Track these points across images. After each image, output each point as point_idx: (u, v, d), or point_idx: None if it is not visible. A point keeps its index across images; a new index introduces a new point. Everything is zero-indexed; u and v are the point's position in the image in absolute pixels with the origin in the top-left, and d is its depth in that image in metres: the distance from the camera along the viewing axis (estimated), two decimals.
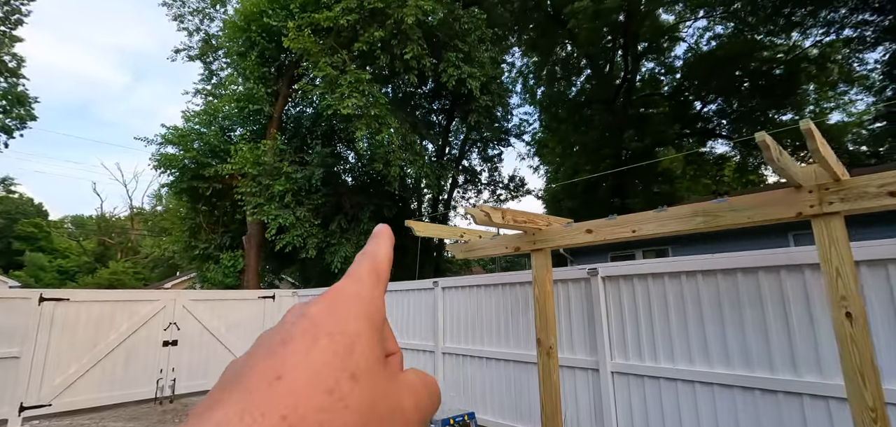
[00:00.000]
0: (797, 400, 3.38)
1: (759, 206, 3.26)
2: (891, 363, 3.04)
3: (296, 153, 12.80)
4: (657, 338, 4.18)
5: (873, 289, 3.20)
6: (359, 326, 0.26)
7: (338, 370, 0.24)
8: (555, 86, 27.48)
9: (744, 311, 3.74)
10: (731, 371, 3.71)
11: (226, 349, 8.75)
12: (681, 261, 4.19)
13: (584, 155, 25.05)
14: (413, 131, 13.35)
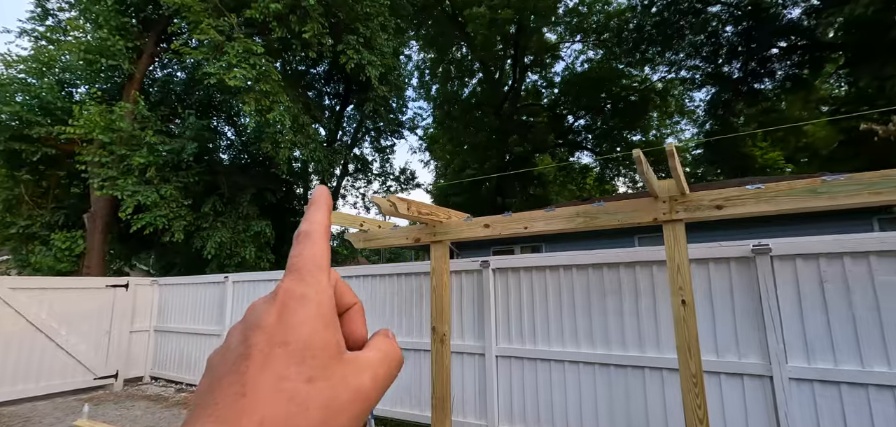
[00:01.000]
0: (640, 372, 4.10)
1: (627, 211, 3.85)
2: (704, 340, 3.85)
3: (163, 122, 11.14)
4: (537, 323, 4.66)
5: (697, 281, 4.01)
6: (309, 328, 0.27)
7: (294, 378, 0.25)
8: (449, 85, 28.38)
9: (606, 299, 4.38)
10: (594, 350, 4.33)
11: (61, 349, 7.29)
12: (560, 256, 4.73)
13: (473, 154, 26.35)
14: (306, 112, 12.61)
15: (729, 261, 3.92)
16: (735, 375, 3.73)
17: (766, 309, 3.66)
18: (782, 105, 20.58)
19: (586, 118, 29.31)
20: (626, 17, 24.11)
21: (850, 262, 3.49)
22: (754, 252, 3.79)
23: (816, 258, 3.60)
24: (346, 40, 11.56)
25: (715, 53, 21.15)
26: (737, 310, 3.83)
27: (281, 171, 11.27)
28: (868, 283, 3.41)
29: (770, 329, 3.62)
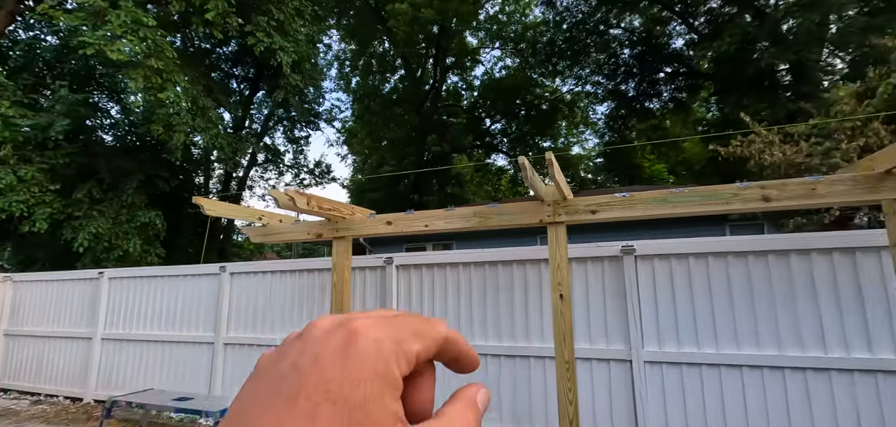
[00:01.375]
0: (525, 361, 4.45)
1: (517, 213, 4.15)
2: (581, 330, 4.30)
3: (25, 93, 9.57)
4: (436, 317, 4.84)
5: (578, 277, 4.46)
6: (369, 390, 0.24)
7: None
8: (370, 78, 27.94)
9: (500, 294, 4.69)
10: (487, 342, 4.61)
11: None
12: (460, 253, 4.96)
13: (391, 150, 26.24)
14: (207, 95, 11.62)
15: (603, 260, 4.41)
16: (603, 361, 4.22)
17: (630, 302, 4.19)
18: (667, 123, 23.38)
19: (502, 122, 30.61)
20: (540, 30, 25.60)
21: (693, 261, 4.13)
22: (623, 252, 4.31)
23: (669, 258, 4.20)
24: (255, 21, 10.88)
25: (615, 72, 23.34)
26: (608, 303, 4.33)
27: (174, 157, 10.28)
28: (705, 279, 4.06)
29: (632, 319, 4.15)
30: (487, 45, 29.45)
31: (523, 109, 28.77)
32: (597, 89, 25.75)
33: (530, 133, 29.01)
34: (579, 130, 30.16)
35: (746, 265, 3.98)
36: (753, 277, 3.93)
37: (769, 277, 3.88)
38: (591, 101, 27.06)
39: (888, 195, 3.19)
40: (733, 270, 4.01)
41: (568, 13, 23.66)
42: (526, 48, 26.23)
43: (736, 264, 4.01)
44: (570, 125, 29.76)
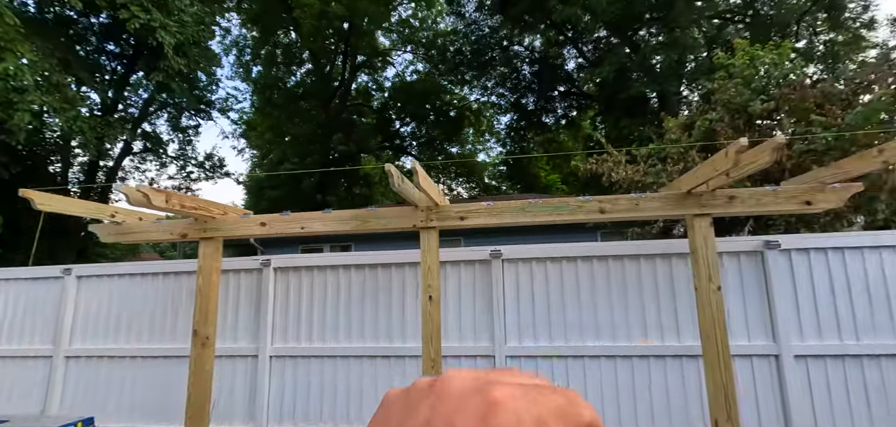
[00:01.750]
0: (401, 361, 4.61)
1: (394, 218, 4.29)
2: (453, 329, 4.57)
3: None
4: (314, 321, 4.79)
5: (454, 279, 4.73)
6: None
7: None
8: (274, 69, 26.39)
9: (379, 295, 4.79)
10: (365, 344, 4.67)
11: None
12: (341, 256, 4.97)
13: (295, 146, 25.06)
14: (65, 70, 10.08)
15: (474, 263, 4.73)
16: (471, 357, 4.52)
17: (496, 301, 4.56)
18: (560, 137, 25.52)
19: (412, 125, 30.84)
20: (450, 39, 26.33)
21: (550, 264, 4.62)
22: (491, 256, 4.67)
23: (530, 262, 4.65)
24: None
25: (517, 86, 24.89)
26: (478, 303, 4.65)
27: (14, 140, 8.75)
28: (558, 281, 4.57)
29: (497, 317, 4.52)
30: (399, 48, 29.50)
31: (433, 114, 29.31)
32: (501, 101, 27.16)
33: (439, 138, 29.65)
34: (485, 139, 31.51)
35: (606, 267, 4.56)
36: (596, 278, 4.52)
37: (608, 278, 4.50)
38: (496, 111, 28.44)
39: (690, 210, 3.89)
40: (582, 273, 4.57)
41: (476, 26, 24.68)
42: (436, 55, 26.79)
43: (584, 267, 4.58)
44: (476, 133, 30.94)
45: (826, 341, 4.13)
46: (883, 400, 3.98)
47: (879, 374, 4.02)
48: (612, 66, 15.60)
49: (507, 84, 25.74)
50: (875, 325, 4.09)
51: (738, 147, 3.06)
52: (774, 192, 3.84)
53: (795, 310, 4.20)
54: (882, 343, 4.05)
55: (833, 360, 4.09)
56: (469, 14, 24.68)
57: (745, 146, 3.02)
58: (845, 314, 4.12)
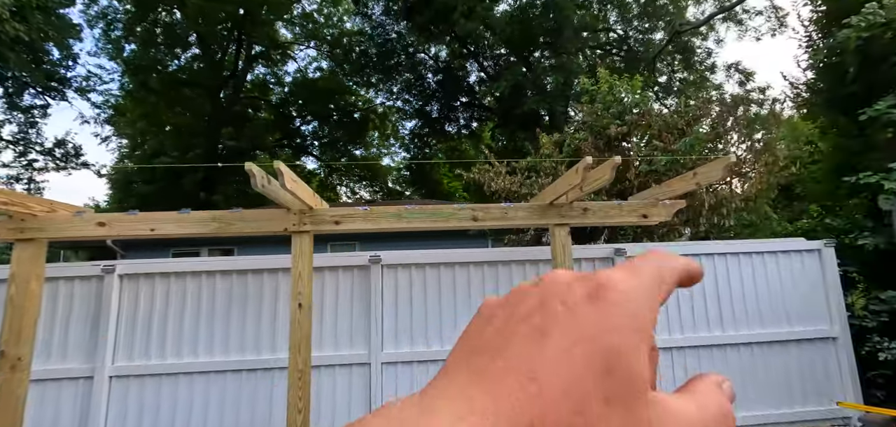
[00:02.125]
0: (267, 374, 4.32)
1: (264, 220, 4.01)
2: (328, 337, 4.42)
3: None
4: (169, 335, 4.28)
5: (331, 285, 4.57)
6: (622, 341, 0.22)
7: (591, 391, 0.21)
8: (152, 50, 23.35)
9: (248, 303, 4.44)
10: (228, 358, 4.30)
11: None
12: (205, 261, 4.51)
13: (175, 138, 22.49)
14: None
15: (353, 268, 4.63)
16: (346, 365, 4.41)
17: (374, 307, 4.50)
18: (463, 146, 26.39)
19: (314, 124, 29.55)
20: (357, 39, 25.77)
21: (429, 270, 4.71)
22: (370, 262, 4.61)
23: (409, 267, 4.68)
24: None
25: (422, 93, 25.21)
26: (355, 309, 4.55)
27: None
28: (436, 286, 4.67)
29: (374, 323, 4.47)
30: (302, 43, 28.14)
31: (336, 114, 28.39)
32: (407, 106, 27.26)
33: (342, 139, 28.80)
34: (390, 143, 31.34)
35: (481, 272, 4.74)
36: (486, 281, 4.71)
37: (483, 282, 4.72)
38: (401, 116, 28.48)
39: (552, 220, 4.24)
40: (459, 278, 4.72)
41: (382, 29, 24.51)
42: (341, 54, 26.05)
43: (461, 272, 4.74)
44: (381, 137, 30.66)
45: (661, 336, 4.79)
46: None
47: (696, 361, 4.76)
48: (509, 83, 16.57)
49: (412, 90, 25.93)
50: (696, 321, 4.85)
51: (585, 164, 3.40)
52: (620, 206, 4.36)
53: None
54: (700, 336, 4.81)
55: (667, 352, 4.75)
56: (376, 16, 24.45)
57: (590, 164, 3.37)
58: (673, 313, 4.82)
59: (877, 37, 5.52)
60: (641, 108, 5.98)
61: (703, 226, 5.38)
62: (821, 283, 5.03)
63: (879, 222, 5.39)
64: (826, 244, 5.04)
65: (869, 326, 5.16)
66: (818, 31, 6.75)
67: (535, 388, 0.21)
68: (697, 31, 20.13)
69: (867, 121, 5.49)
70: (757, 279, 4.99)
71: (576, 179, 3.59)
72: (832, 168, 6.28)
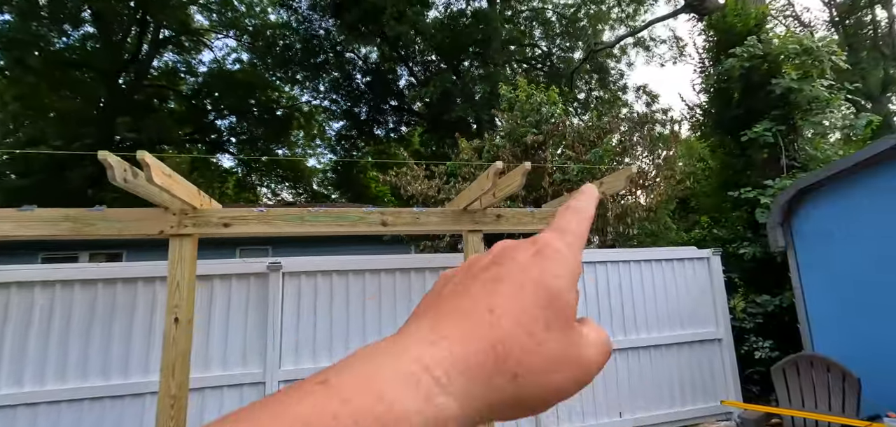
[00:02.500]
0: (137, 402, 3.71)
1: (131, 221, 3.43)
2: (215, 355, 3.91)
3: None
4: (3, 359, 3.51)
5: (219, 296, 4.05)
6: (559, 283, 0.28)
7: (538, 319, 0.27)
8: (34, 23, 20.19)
9: (115, 319, 3.80)
10: (84, 384, 3.62)
11: None
12: (61, 269, 3.80)
13: (60, 125, 19.63)
14: None
15: (249, 277, 4.16)
16: (236, 386, 3.93)
17: (272, 319, 4.07)
18: (391, 149, 26.00)
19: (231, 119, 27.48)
20: (280, 32, 24.41)
21: (336, 277, 4.37)
22: (269, 269, 4.17)
23: (314, 275, 4.31)
24: None
25: (350, 93, 24.47)
26: (250, 322, 4.08)
27: None
28: (344, 293, 4.35)
29: (271, 338, 4.04)
30: (220, 32, 26.08)
31: (256, 110, 26.64)
32: (334, 106, 26.33)
33: (263, 137, 27.07)
34: (316, 144, 30.03)
35: (393, 280, 4.48)
36: (398, 289, 4.45)
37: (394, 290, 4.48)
38: (328, 117, 27.44)
39: (465, 226, 4.12)
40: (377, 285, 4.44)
41: (308, 24, 23.45)
42: (263, 46, 24.51)
43: (372, 280, 4.46)
44: (307, 137, 29.32)
45: None
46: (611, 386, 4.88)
47: None
48: (437, 89, 16.58)
49: (340, 90, 25.15)
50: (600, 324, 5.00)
51: (495, 169, 3.31)
52: (532, 213, 4.36)
53: None
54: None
55: None
56: (302, 10, 23.35)
57: (500, 168, 3.29)
58: None
59: (756, 67, 6.19)
60: (557, 119, 6.18)
61: (610, 234, 5.64)
62: (709, 288, 5.46)
63: (757, 233, 6.00)
64: (713, 253, 5.49)
65: (747, 327, 5.70)
66: (710, 58, 7.47)
67: (493, 318, 0.26)
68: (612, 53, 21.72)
69: (747, 142, 6.12)
70: (656, 285, 5.29)
71: (487, 184, 3.49)
72: (719, 184, 6.95)
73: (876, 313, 3.91)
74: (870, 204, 3.93)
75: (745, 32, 6.45)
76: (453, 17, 20.89)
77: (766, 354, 5.36)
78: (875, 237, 3.90)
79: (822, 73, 5.89)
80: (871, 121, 5.89)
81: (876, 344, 3.93)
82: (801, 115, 5.97)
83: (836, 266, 4.21)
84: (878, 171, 3.88)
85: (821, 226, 4.32)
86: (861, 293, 4.03)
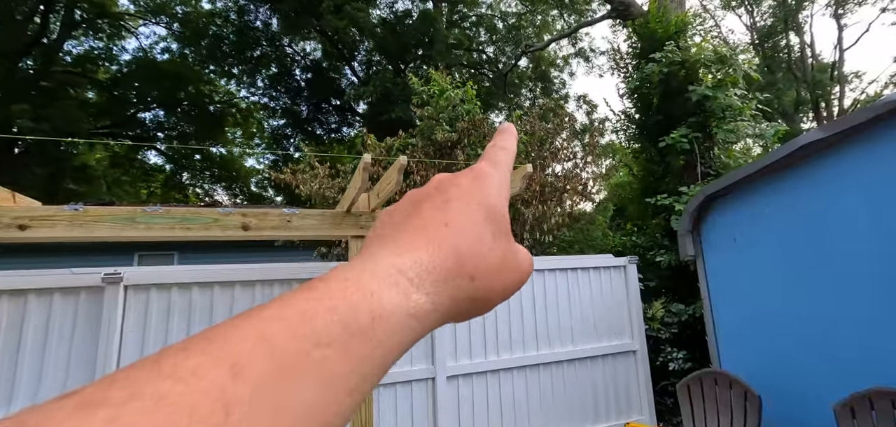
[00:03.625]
0: None
1: None
2: (5, 395, 3.10)
3: None
4: None
5: (35, 316, 3.25)
6: (497, 201, 0.33)
7: (483, 227, 0.31)
8: None
9: None
10: None
11: None
12: None
13: None
14: None
15: (78, 291, 3.38)
16: None
17: (104, 345, 3.31)
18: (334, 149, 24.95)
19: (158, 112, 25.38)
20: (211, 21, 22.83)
21: (197, 291, 3.68)
22: (106, 281, 3.41)
23: (169, 288, 3.60)
24: None
25: (290, 90, 23.26)
26: (76, 350, 3.30)
27: None
28: (207, 310, 3.66)
29: (102, 370, 3.28)
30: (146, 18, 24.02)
31: (186, 104, 24.75)
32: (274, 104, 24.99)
33: (195, 134, 25.16)
34: (255, 142, 28.38)
35: (270, 292, 3.84)
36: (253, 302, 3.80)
37: None
38: (267, 114, 26.02)
39: (348, 231, 3.57)
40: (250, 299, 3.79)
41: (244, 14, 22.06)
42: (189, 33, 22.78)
43: (244, 294, 3.81)
44: (245, 135, 27.64)
45: (475, 360, 4.44)
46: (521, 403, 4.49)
47: (510, 383, 4.53)
48: (378, 88, 15.97)
49: (279, 86, 23.91)
50: (512, 341, 4.62)
51: (364, 164, 2.81)
52: None
53: (453, 336, 4.40)
54: (516, 357, 4.59)
55: (478, 377, 4.41)
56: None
57: (368, 162, 2.78)
58: (490, 335, 4.53)
59: (675, 73, 6.14)
60: (473, 115, 5.79)
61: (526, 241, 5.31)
62: (625, 298, 5.25)
63: (673, 241, 5.91)
64: (629, 261, 5.29)
65: (663, 337, 5.56)
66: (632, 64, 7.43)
67: (449, 230, 0.30)
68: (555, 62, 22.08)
69: (666, 148, 6.05)
70: (570, 295, 5.00)
71: (359, 181, 2.98)
72: (641, 190, 6.88)
73: (778, 327, 3.77)
74: (773, 212, 3.80)
75: (665, 39, 6.42)
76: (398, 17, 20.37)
77: (680, 366, 5.22)
78: (778, 247, 3.78)
79: (735, 82, 5.92)
80: (779, 131, 6.00)
81: (777, 359, 3.79)
82: (715, 123, 5.97)
83: (741, 276, 4.07)
84: (784, 176, 3.75)
85: (727, 234, 4.18)
86: (764, 305, 3.90)
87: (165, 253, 9.94)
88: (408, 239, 0.29)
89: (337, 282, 0.24)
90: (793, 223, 3.64)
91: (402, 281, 0.26)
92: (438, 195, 0.33)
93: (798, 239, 3.60)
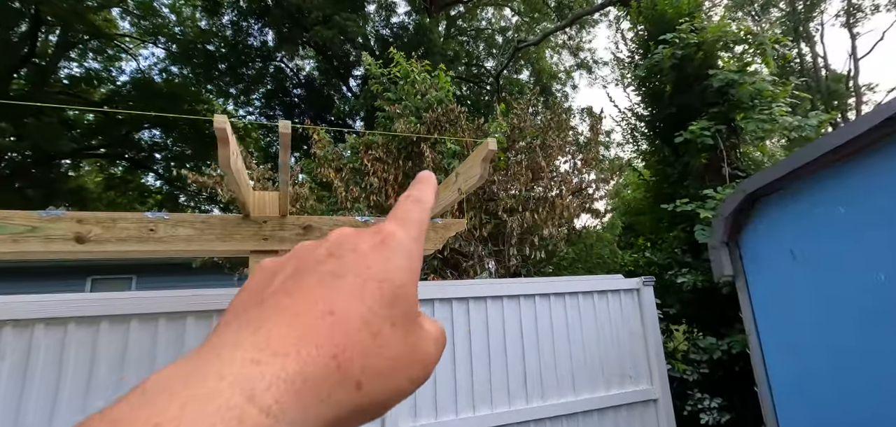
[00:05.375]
0: None
1: None
2: None
3: None
4: None
5: None
6: (404, 278, 0.26)
7: (383, 318, 0.24)
8: None
9: None
10: None
11: None
12: None
13: None
14: None
15: None
16: None
17: None
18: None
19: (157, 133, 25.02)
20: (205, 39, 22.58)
21: (45, 329, 2.64)
22: None
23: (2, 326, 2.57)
24: None
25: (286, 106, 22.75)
26: None
27: None
28: (55, 359, 2.61)
29: None
30: (147, 39, 23.85)
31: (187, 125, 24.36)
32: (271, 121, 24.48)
33: (195, 155, 24.66)
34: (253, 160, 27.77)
35: (125, 333, 2.80)
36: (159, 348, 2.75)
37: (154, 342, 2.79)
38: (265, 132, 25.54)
39: (246, 246, 2.53)
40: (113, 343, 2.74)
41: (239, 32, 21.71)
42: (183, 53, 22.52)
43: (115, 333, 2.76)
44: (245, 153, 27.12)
45: (442, 418, 3.32)
46: None
47: None
48: (368, 102, 15.22)
49: (275, 102, 23.47)
50: (493, 392, 3.50)
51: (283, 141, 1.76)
52: (367, 221, 2.84)
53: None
54: (498, 412, 3.46)
55: None
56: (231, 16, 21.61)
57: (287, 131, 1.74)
58: (464, 384, 3.41)
59: (690, 56, 5.11)
60: (445, 105, 4.79)
61: (513, 260, 4.25)
62: (640, 329, 4.11)
63: (698, 257, 4.78)
64: (644, 282, 4.16)
65: (690, 379, 4.38)
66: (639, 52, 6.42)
67: (333, 320, 0.22)
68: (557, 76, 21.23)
69: (683, 144, 4.98)
70: (570, 327, 3.88)
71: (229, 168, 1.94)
72: (654, 197, 5.78)
73: (862, 374, 2.62)
74: (851, 213, 2.69)
75: (676, 19, 5.41)
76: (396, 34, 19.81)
77: (715, 420, 4.03)
78: (861, 261, 2.65)
79: (766, 64, 4.87)
80: (823, 120, 4.90)
81: (863, 419, 2.62)
82: (743, 114, 4.89)
83: (803, 303, 2.93)
84: (864, 161, 2.64)
85: (779, 246, 3.05)
86: (840, 340, 2.75)
87: (123, 276, 8.99)
88: (276, 331, 0.21)
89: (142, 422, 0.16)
90: (880, 225, 2.52)
91: (251, 415, 0.18)
92: (329, 261, 0.25)
93: (890, 249, 2.48)
